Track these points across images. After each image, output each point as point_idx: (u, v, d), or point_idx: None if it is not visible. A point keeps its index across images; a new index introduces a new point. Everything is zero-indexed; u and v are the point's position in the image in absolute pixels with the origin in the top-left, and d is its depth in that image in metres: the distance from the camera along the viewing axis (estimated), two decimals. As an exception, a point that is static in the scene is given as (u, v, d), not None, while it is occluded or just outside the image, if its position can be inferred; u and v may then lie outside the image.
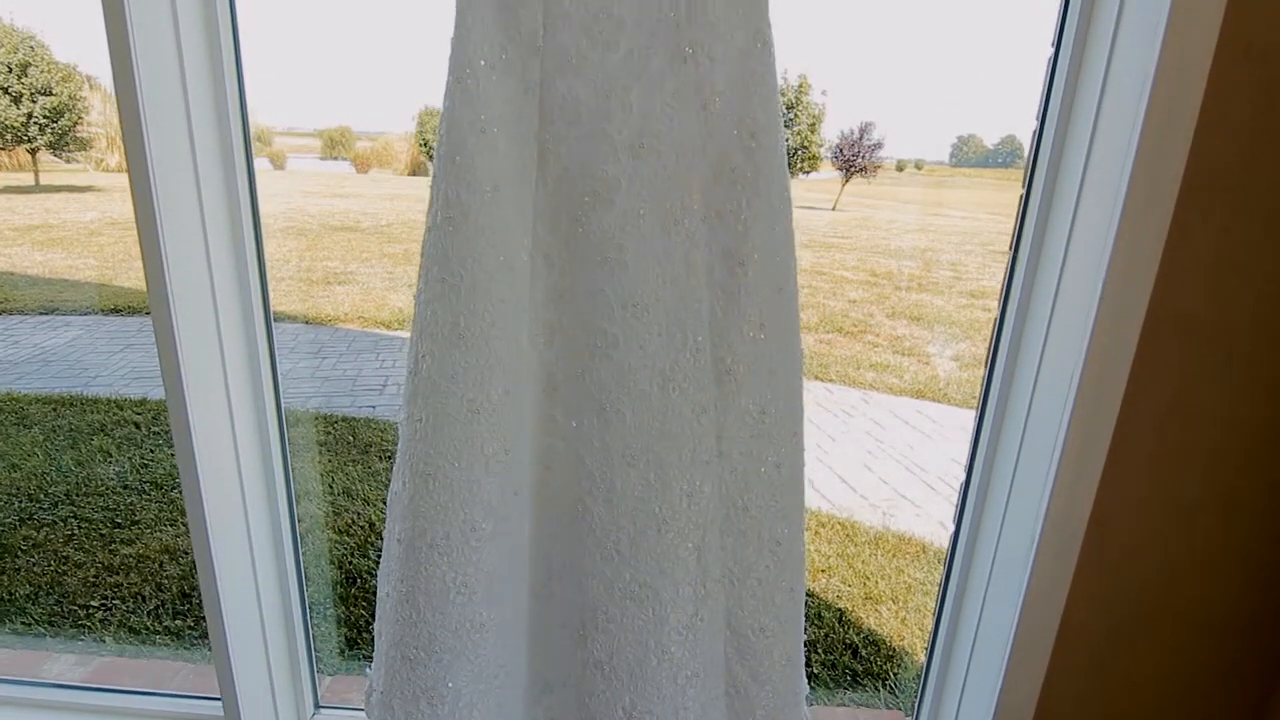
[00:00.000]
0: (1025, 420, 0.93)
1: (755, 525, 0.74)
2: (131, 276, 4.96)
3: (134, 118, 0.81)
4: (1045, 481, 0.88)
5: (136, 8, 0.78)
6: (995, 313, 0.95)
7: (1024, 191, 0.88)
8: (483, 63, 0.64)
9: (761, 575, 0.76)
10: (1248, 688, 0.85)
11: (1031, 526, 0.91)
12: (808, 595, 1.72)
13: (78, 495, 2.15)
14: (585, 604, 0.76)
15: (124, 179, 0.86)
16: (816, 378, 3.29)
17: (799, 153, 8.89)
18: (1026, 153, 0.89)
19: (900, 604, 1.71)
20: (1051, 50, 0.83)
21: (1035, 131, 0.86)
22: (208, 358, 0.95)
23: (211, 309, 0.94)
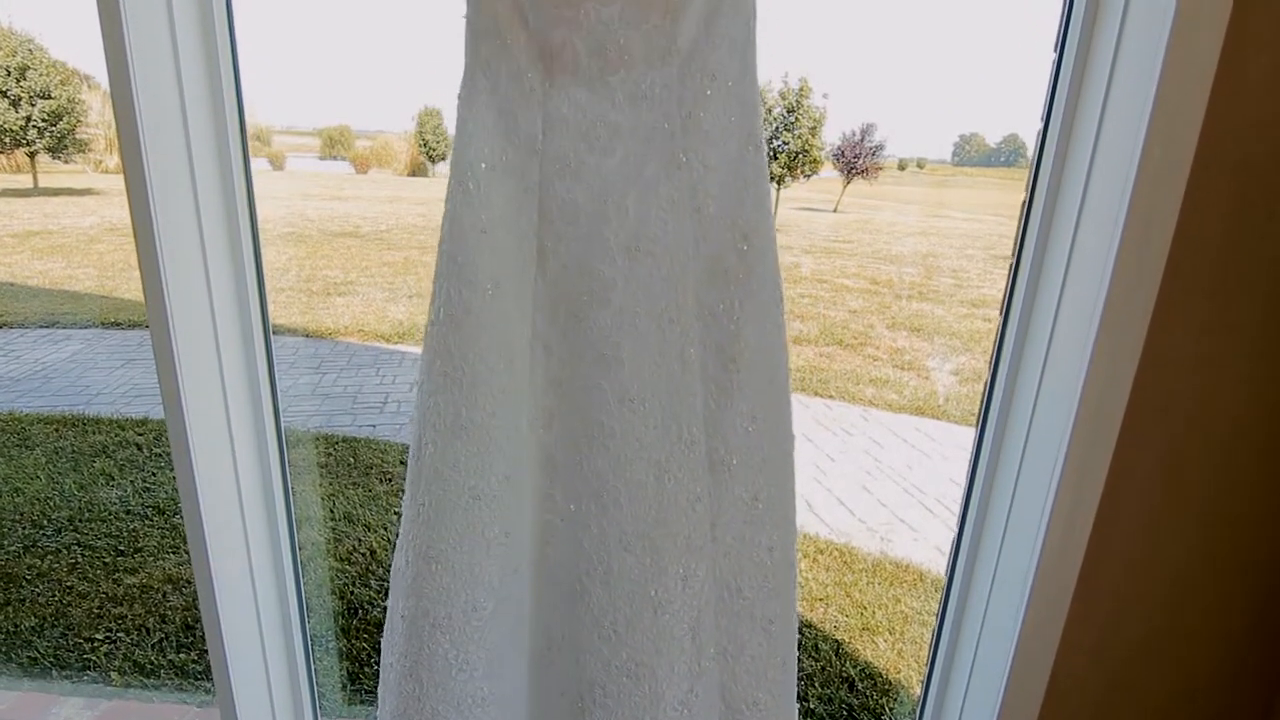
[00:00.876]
0: (1025, 440, 0.92)
1: (748, 606, 0.76)
2: (131, 287, 4.97)
3: (131, 125, 0.80)
4: (1044, 505, 0.87)
5: (132, 7, 0.76)
6: (996, 325, 0.94)
7: (1025, 209, 0.86)
8: (484, 165, 0.65)
9: (755, 652, 0.78)
10: (1262, 673, 0.84)
11: (1030, 550, 0.90)
12: (806, 626, 1.75)
13: (81, 521, 2.17)
14: (583, 679, 0.77)
15: (123, 181, 0.85)
16: (816, 394, 3.30)
17: (800, 156, 8.87)
18: (1030, 153, 0.88)
19: (897, 635, 1.73)
20: (1055, 51, 0.80)
21: (1037, 143, 0.84)
22: (208, 378, 0.94)
23: (210, 329, 0.93)
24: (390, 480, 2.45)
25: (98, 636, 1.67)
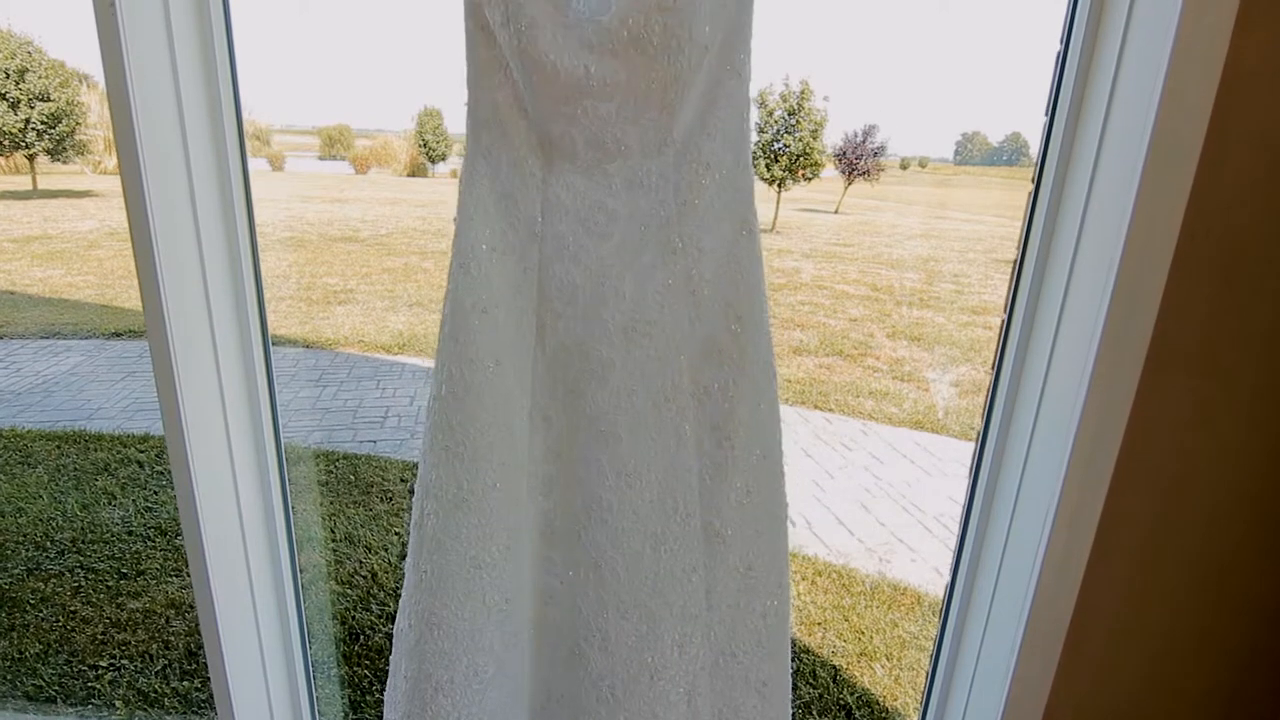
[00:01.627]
0: (1025, 457, 0.91)
1: (743, 670, 0.77)
2: (131, 296, 4.98)
3: (129, 136, 0.78)
4: (1043, 526, 0.86)
5: (128, 6, 0.75)
6: (997, 336, 0.93)
7: (1026, 225, 0.85)
8: (485, 247, 0.66)
9: (749, 714, 0.79)
10: (1262, 696, 0.84)
11: (1028, 572, 0.90)
12: (804, 652, 1.76)
13: (83, 543, 2.18)
14: (582, 740, 0.79)
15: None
16: (816, 407, 3.31)
17: (801, 159, 8.83)
18: (1033, 151, 0.87)
19: (894, 661, 1.74)
20: (1059, 50, 0.79)
21: (1037, 164, 0.83)
22: (207, 394, 0.93)
23: (210, 344, 0.93)
24: (391, 499, 2.46)
25: (101, 664, 1.68)
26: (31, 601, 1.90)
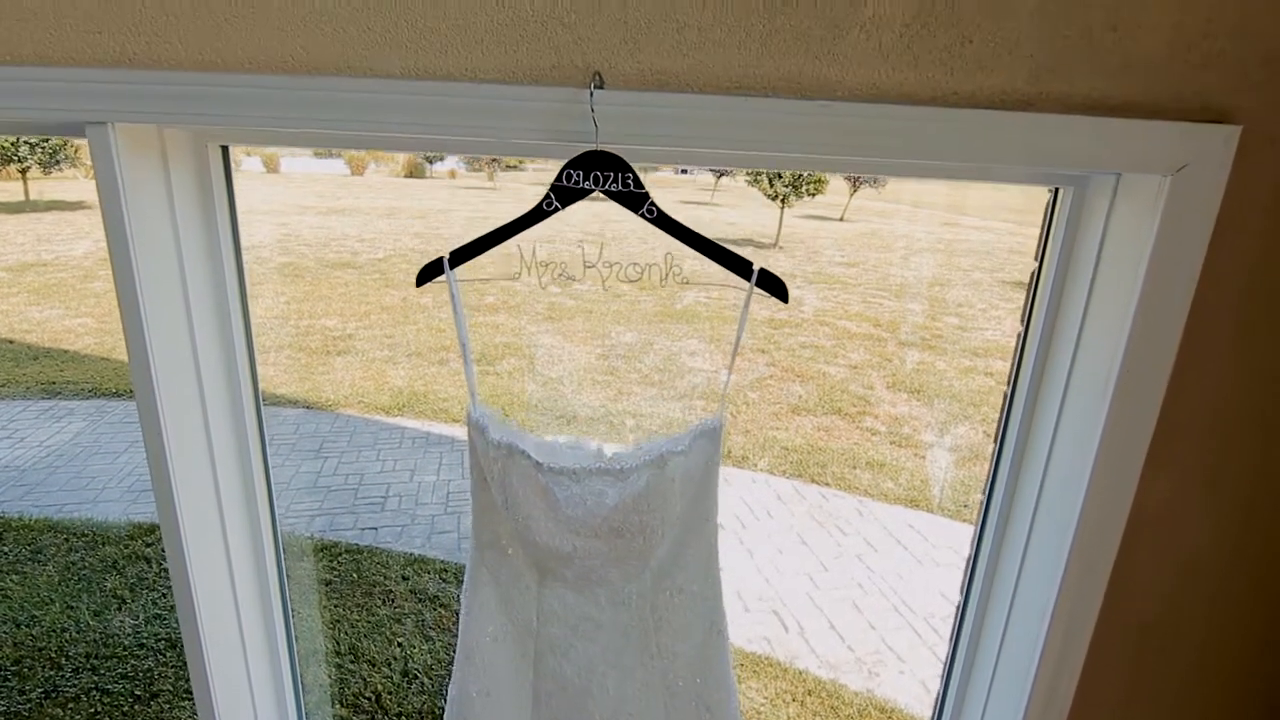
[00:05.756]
0: (1017, 576, 0.89)
1: None
2: (132, 346, 4.98)
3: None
4: (1036, 647, 0.85)
5: None
6: (993, 446, 0.92)
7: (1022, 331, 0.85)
8: (488, 639, 0.72)
9: None
10: None
11: (1019, 693, 0.88)
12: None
13: (96, 659, 2.23)
14: None
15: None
16: (813, 480, 3.35)
17: (804, 175, 8.78)
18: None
19: (882, 797, 1.80)
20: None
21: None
22: (204, 495, 0.91)
23: (205, 441, 0.89)
24: (392, 601, 2.51)
25: (118, 809, 1.74)
26: (49, 731, 1.96)
